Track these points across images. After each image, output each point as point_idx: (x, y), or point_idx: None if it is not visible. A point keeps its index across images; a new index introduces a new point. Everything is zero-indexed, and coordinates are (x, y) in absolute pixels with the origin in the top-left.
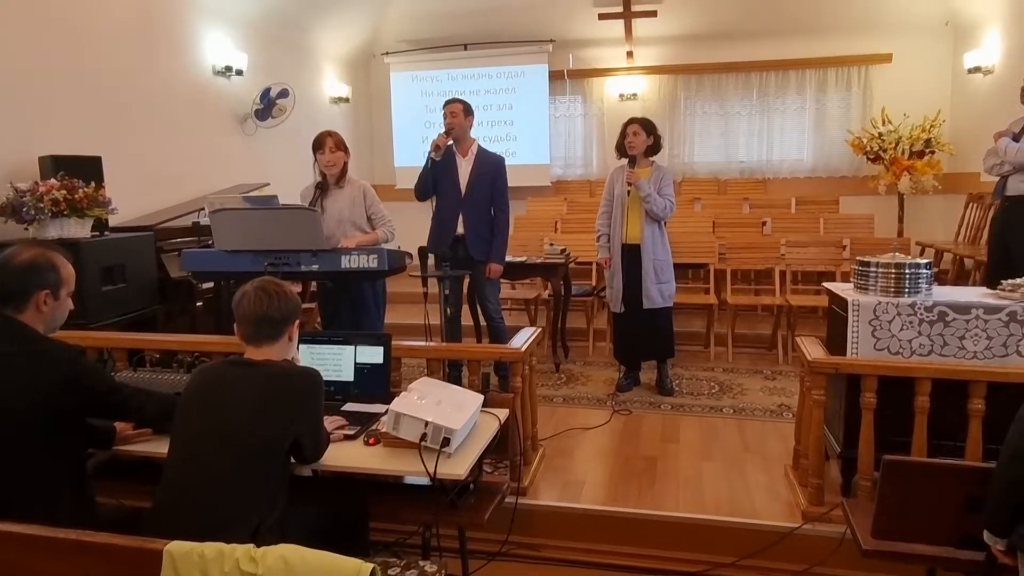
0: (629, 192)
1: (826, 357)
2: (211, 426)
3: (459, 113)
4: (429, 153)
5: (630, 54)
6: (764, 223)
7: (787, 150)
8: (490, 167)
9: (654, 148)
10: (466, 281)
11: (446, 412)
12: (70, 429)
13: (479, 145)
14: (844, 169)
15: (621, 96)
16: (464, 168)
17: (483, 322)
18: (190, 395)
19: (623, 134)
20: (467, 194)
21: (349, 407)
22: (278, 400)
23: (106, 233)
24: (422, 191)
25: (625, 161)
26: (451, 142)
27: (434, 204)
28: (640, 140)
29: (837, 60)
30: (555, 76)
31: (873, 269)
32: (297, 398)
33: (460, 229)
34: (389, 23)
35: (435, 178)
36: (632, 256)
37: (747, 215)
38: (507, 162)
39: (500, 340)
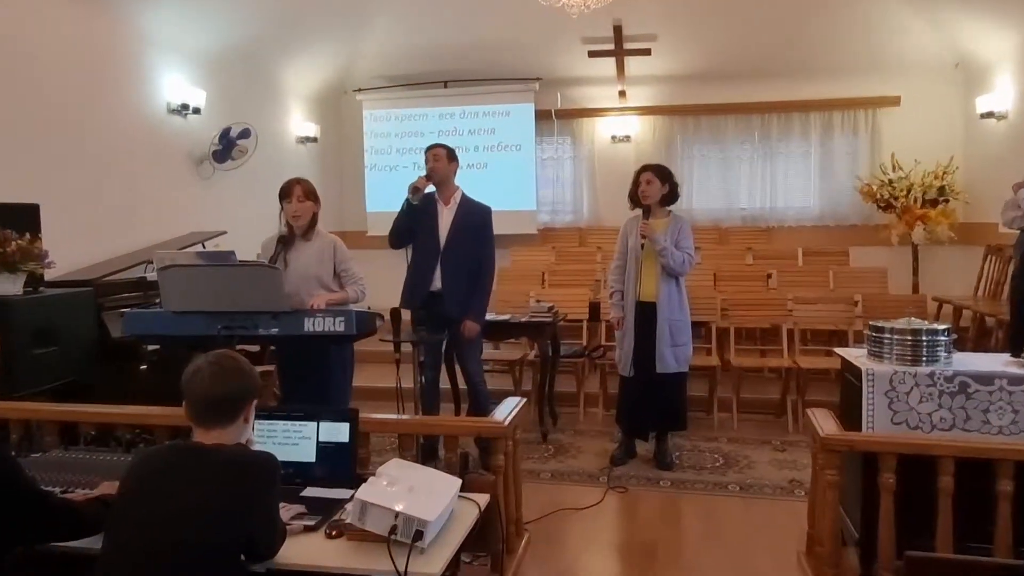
0: (643, 245)
1: (840, 433)
2: (154, 523)
3: (442, 157)
4: (406, 196)
5: (623, 93)
6: (769, 275)
7: (792, 197)
8: (474, 217)
9: (670, 197)
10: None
11: (419, 501)
12: None
13: (463, 193)
14: (853, 218)
15: (613, 138)
16: (445, 217)
17: (463, 385)
18: (130, 486)
19: (636, 182)
20: (447, 245)
21: (310, 492)
22: (229, 494)
23: (41, 289)
24: (397, 238)
25: (639, 212)
26: (432, 188)
27: (409, 254)
28: (654, 189)
29: (843, 102)
30: (542, 116)
31: (888, 335)
32: (251, 491)
33: (437, 284)
34: (362, 58)
35: (412, 225)
36: (646, 315)
37: (751, 266)
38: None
39: (481, 405)
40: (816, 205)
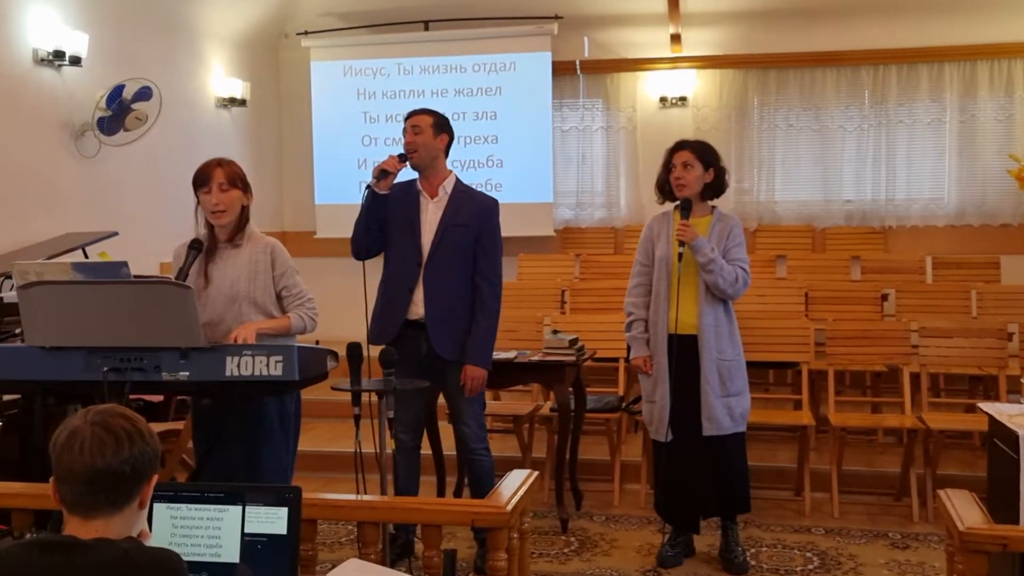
0: (680, 255)
1: (987, 525)
2: None
3: (425, 128)
4: (368, 183)
5: (676, 38)
6: (884, 297)
7: (918, 184)
8: (474, 215)
9: (715, 187)
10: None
11: None
12: None
13: (458, 180)
14: (1006, 214)
15: (663, 101)
16: (431, 214)
17: (448, 451)
18: None
19: (667, 165)
20: (433, 254)
21: None
22: None
23: None
24: (358, 243)
25: (671, 207)
26: (413, 174)
27: (383, 268)
28: (693, 175)
29: (992, 49)
30: (562, 70)
31: None
32: None
33: (419, 309)
34: None
35: (382, 224)
36: (685, 354)
37: (858, 284)
38: None
39: (483, 483)
40: (952, 196)
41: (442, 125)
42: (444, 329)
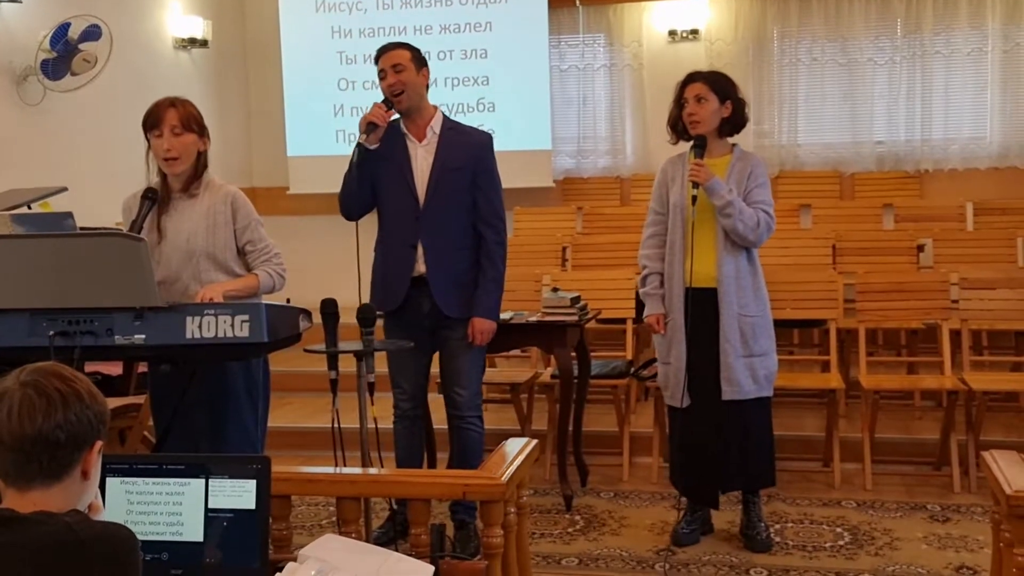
0: (694, 199)
1: None
2: None
3: (407, 65)
4: (358, 139)
5: None
6: (920, 247)
7: (957, 123)
8: (468, 155)
9: (734, 122)
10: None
11: None
12: None
13: (445, 116)
14: None
15: (672, 34)
16: (422, 159)
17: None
18: None
19: (679, 101)
20: (429, 202)
21: None
22: None
23: None
24: (350, 202)
25: (686, 147)
26: (396, 116)
27: (378, 227)
28: (708, 110)
29: None
30: (559, 2)
31: None
32: None
33: (421, 267)
34: None
35: (373, 179)
36: (703, 309)
37: (891, 233)
38: None
39: (469, 455)
40: (995, 135)
41: (421, 58)
42: (448, 286)
